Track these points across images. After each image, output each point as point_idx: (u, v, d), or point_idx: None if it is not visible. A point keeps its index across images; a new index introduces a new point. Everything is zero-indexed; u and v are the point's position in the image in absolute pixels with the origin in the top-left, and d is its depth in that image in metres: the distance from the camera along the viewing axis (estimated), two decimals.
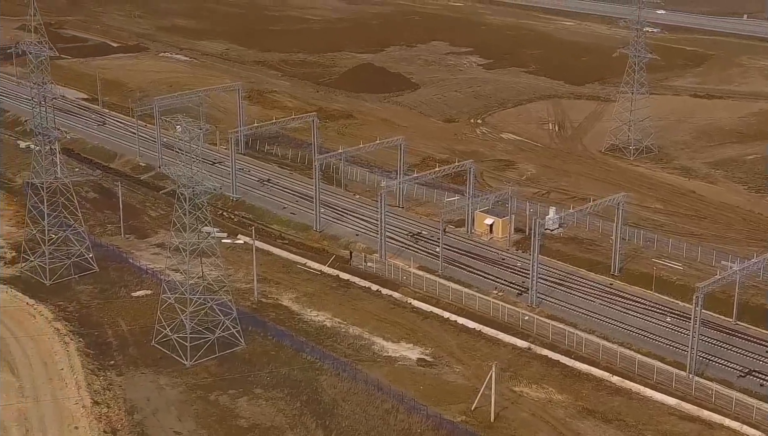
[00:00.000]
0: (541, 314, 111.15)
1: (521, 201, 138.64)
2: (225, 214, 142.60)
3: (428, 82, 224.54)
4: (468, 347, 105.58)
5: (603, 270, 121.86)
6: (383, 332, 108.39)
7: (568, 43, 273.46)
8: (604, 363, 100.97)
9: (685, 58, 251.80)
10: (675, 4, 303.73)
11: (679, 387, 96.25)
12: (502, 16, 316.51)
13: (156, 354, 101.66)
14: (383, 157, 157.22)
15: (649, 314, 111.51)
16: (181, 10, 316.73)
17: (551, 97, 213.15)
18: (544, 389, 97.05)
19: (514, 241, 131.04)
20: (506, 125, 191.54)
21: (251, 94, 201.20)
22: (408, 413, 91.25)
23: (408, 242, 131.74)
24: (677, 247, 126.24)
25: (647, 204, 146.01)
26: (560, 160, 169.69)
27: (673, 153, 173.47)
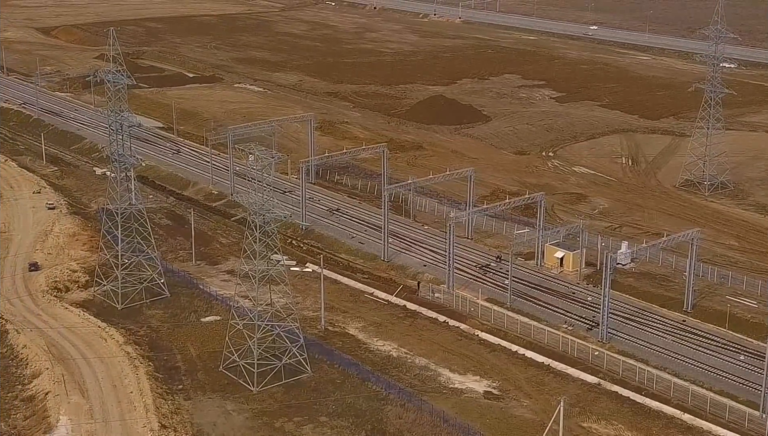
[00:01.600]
0: (612, 349, 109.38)
1: (593, 235, 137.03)
2: (294, 243, 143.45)
3: (499, 115, 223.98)
4: (536, 381, 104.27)
5: (675, 306, 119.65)
6: (450, 364, 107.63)
7: (643, 78, 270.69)
8: (676, 401, 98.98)
9: (762, 94, 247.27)
10: (753, 40, 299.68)
11: (752, 427, 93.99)
12: (577, 50, 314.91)
13: (223, 380, 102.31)
14: (453, 188, 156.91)
15: (722, 351, 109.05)
16: (257, 42, 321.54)
17: (625, 131, 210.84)
18: (613, 426, 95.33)
19: (585, 275, 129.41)
20: (579, 159, 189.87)
21: (323, 125, 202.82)
22: None
23: (476, 273, 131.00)
24: (752, 284, 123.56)
25: (722, 240, 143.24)
26: (633, 194, 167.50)
27: (748, 189, 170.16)
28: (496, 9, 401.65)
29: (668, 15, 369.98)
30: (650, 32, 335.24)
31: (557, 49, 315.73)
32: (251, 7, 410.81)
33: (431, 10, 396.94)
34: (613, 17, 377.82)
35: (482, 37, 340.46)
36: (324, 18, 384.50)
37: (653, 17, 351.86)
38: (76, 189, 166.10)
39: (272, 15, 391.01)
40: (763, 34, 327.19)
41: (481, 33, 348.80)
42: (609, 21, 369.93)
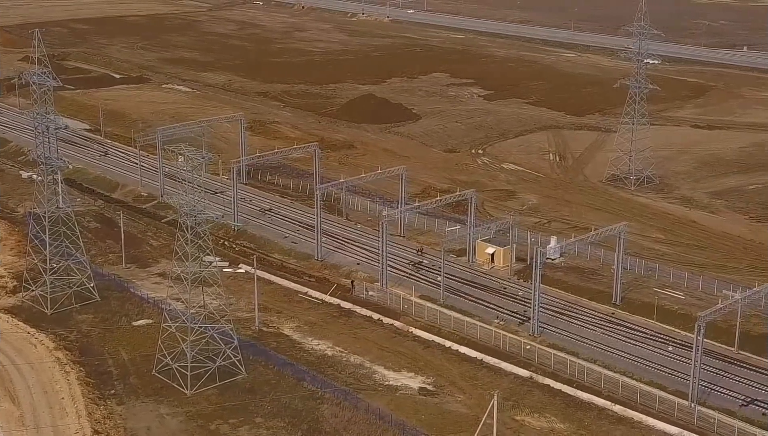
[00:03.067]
0: (543, 343, 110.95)
1: (523, 230, 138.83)
2: (226, 244, 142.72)
3: (429, 113, 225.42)
4: (470, 376, 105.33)
5: (604, 299, 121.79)
6: (385, 361, 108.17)
7: (569, 75, 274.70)
8: (606, 392, 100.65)
9: (686, 90, 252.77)
10: (677, 36, 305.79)
11: (681, 416, 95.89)
12: (504, 48, 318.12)
13: (157, 383, 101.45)
14: (385, 186, 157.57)
15: (650, 343, 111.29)
16: (185, 42, 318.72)
17: (552, 127, 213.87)
18: (546, 418, 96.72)
19: (516, 270, 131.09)
20: (507, 156, 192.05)
21: (253, 125, 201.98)
22: None
23: (409, 270, 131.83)
24: (679, 276, 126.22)
25: (648, 234, 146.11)
26: (561, 190, 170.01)
27: (674, 183, 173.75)
28: (423, 8, 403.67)
29: (593, 12, 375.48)
30: (575, 30, 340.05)
31: (485, 48, 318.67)
32: (179, 7, 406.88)
33: (360, 10, 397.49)
34: (539, 15, 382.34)
35: (411, 36, 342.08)
36: (252, 17, 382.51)
37: (578, 15, 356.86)
38: (2, 193, 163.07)
39: (200, 15, 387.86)
40: (686, 30, 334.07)
41: (410, 32, 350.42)
42: (535, 19, 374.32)
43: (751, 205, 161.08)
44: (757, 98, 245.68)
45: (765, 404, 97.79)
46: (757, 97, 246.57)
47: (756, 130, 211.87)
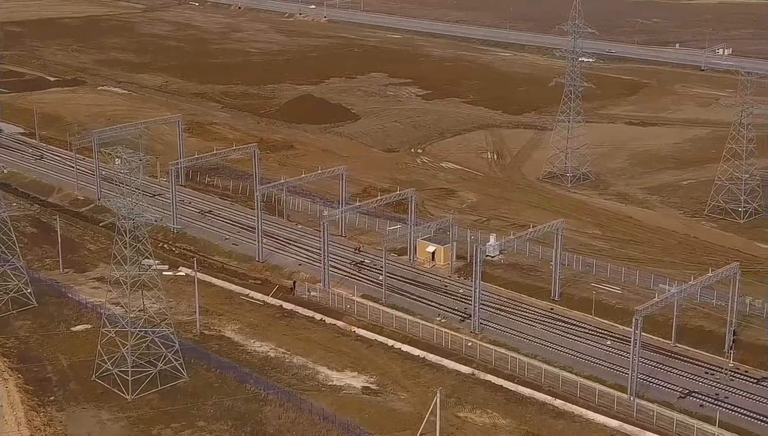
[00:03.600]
0: (484, 339, 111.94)
1: (462, 229, 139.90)
2: (166, 247, 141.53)
3: (368, 113, 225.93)
4: (412, 374, 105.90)
5: (543, 295, 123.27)
6: (328, 361, 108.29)
7: (506, 74, 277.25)
8: (547, 387, 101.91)
9: (620, 87, 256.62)
10: (611, 34, 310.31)
11: (620, 409, 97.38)
12: (441, 48, 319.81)
13: (97, 389, 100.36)
14: (325, 187, 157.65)
15: (589, 337, 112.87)
16: (121, 44, 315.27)
17: (490, 126, 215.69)
18: (488, 414, 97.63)
19: (456, 268, 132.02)
20: (446, 155, 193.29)
21: (191, 126, 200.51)
22: None
23: (351, 270, 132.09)
24: (616, 271, 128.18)
25: (585, 230, 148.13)
26: (500, 188, 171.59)
27: (609, 180, 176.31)
28: (360, 8, 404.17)
29: (528, 12, 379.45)
30: (511, 29, 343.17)
31: (422, 48, 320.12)
32: (114, 8, 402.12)
33: (296, 10, 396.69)
34: (474, 15, 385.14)
35: (348, 36, 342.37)
36: (188, 18, 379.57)
37: (514, 14, 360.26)
38: None
39: (135, 16, 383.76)
40: (620, 28, 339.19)
41: (347, 32, 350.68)
42: (471, 19, 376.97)
43: (685, 200, 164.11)
44: (690, 95, 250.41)
45: (702, 395, 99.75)
46: (690, 94, 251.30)
47: (689, 126, 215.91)
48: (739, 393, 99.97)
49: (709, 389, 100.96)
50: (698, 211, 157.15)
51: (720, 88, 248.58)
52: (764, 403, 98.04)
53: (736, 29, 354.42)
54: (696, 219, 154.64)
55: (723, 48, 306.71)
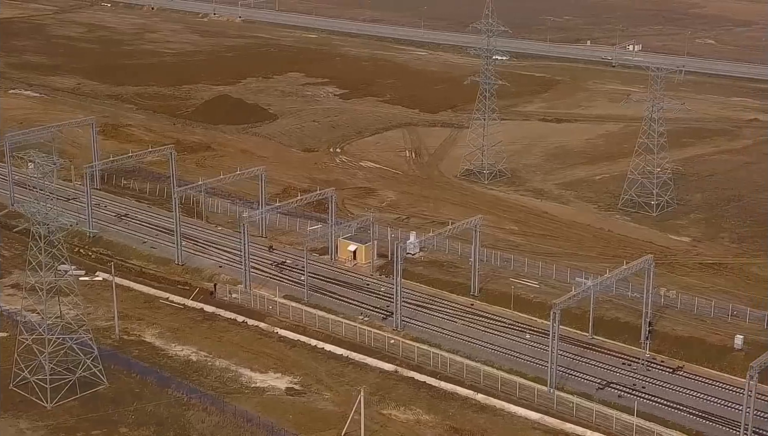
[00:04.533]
0: (406, 336, 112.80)
1: (383, 227, 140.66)
2: (82, 251, 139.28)
3: (286, 113, 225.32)
4: (336, 373, 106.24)
5: (464, 291, 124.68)
6: (251, 363, 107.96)
7: (421, 73, 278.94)
8: (469, 382, 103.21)
9: (534, 84, 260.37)
10: (523, 32, 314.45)
11: (541, 402, 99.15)
12: (357, 47, 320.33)
13: (15, 398, 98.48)
14: (244, 187, 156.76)
15: (509, 332, 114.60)
16: (32, 46, 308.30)
17: (407, 125, 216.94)
18: (412, 411, 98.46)
19: (378, 266, 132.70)
20: (365, 153, 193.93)
21: (105, 129, 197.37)
22: None
23: (273, 271, 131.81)
24: (533, 266, 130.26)
25: (503, 226, 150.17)
26: (418, 185, 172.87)
27: (525, 176, 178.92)
28: (275, 8, 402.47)
29: (442, 11, 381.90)
30: (426, 28, 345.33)
31: (338, 47, 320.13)
32: (24, 11, 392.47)
33: (211, 10, 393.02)
34: (389, 14, 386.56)
35: (264, 36, 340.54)
36: (101, 20, 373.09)
37: (428, 13, 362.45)
38: None
39: (46, 18, 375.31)
40: (532, 26, 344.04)
41: (263, 32, 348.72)
42: (386, 18, 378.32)
43: (599, 194, 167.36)
44: (602, 91, 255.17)
45: (620, 386, 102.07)
46: (601, 90, 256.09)
47: (601, 121, 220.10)
48: (655, 383, 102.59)
49: (627, 379, 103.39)
50: (612, 206, 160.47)
51: (631, 83, 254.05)
52: (680, 392, 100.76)
53: (645, 25, 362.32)
54: (610, 213, 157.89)
55: (633, 44, 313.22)
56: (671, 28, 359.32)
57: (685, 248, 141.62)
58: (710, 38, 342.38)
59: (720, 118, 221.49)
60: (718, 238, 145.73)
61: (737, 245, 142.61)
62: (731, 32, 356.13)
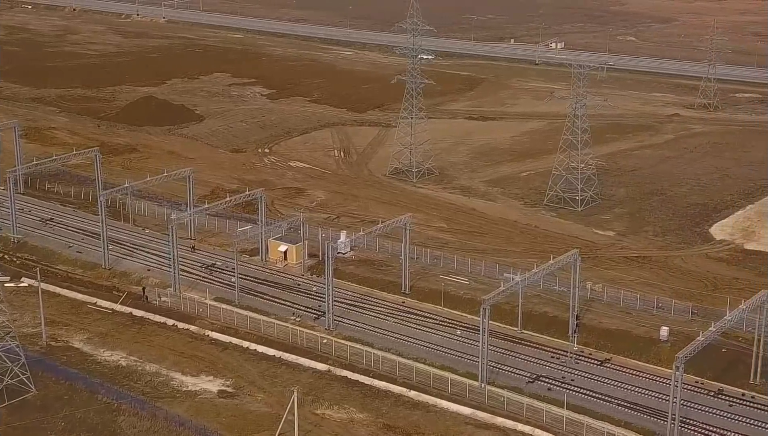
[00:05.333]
0: (339, 336, 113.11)
1: (313, 227, 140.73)
2: (6, 257, 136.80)
3: (213, 114, 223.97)
4: (269, 374, 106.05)
5: (395, 289, 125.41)
6: (182, 367, 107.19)
7: (348, 72, 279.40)
8: (401, 379, 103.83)
9: (459, 83, 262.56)
10: (448, 31, 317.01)
11: (472, 397, 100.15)
12: (283, 47, 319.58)
13: None
14: (172, 189, 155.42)
15: (440, 328, 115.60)
16: None
17: (335, 124, 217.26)
18: (345, 410, 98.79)
19: (309, 266, 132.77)
20: (294, 153, 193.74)
21: (28, 132, 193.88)
22: None
23: (203, 273, 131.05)
24: (462, 263, 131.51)
25: (432, 223, 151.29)
26: (348, 185, 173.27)
27: (453, 174, 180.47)
28: (199, 8, 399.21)
29: (368, 10, 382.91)
30: (351, 28, 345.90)
31: (264, 47, 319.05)
32: None
33: (134, 11, 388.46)
34: (315, 14, 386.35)
35: (189, 36, 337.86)
36: (21, 22, 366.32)
37: (353, 13, 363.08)
38: None
39: None
40: (457, 25, 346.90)
41: (187, 32, 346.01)
42: (312, 17, 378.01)
43: (525, 191, 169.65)
44: (526, 88, 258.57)
45: (550, 379, 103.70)
46: (526, 88, 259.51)
47: (525, 119, 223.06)
48: (584, 375, 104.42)
49: (556, 372, 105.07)
50: (538, 202, 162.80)
51: (554, 81, 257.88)
52: (608, 383, 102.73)
53: (567, 23, 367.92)
54: (536, 209, 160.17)
55: (555, 42, 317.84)
56: (593, 26, 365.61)
57: (610, 242, 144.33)
58: (631, 35, 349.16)
59: (642, 114, 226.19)
60: (641, 231, 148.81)
61: (660, 238, 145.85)
62: (651, 29, 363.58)
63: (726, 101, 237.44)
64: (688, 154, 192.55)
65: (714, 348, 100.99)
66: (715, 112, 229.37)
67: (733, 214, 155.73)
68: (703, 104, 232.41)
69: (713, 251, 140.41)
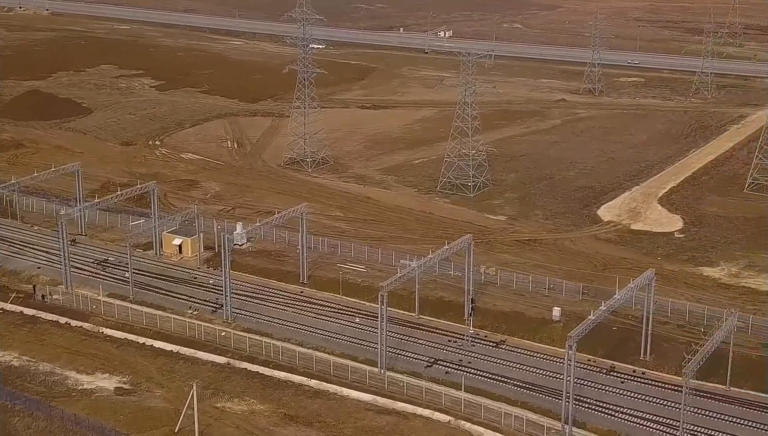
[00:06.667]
0: (238, 328, 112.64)
1: (208, 219, 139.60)
2: None
3: (101, 106, 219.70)
4: (167, 369, 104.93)
5: (293, 279, 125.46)
6: (77, 365, 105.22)
7: (239, 63, 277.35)
8: (302, 369, 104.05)
9: (350, 72, 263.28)
10: (338, 20, 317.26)
11: (372, 383, 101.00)
12: (171, 37, 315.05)
13: None
14: (61, 185, 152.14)
15: (339, 316, 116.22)
16: None
17: (228, 115, 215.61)
18: (245, 402, 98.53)
19: (205, 259, 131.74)
20: (186, 145, 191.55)
21: None
22: None
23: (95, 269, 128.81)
24: (359, 251, 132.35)
25: (328, 212, 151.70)
26: (242, 176, 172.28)
27: (347, 163, 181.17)
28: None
29: (256, 0, 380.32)
30: (240, 17, 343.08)
31: (152, 38, 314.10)
32: None
33: (17, 3, 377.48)
34: (203, 4, 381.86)
35: (74, 28, 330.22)
36: None
37: (242, 3, 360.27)
38: None
39: None
40: (347, 14, 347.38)
41: (73, 24, 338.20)
42: (200, 8, 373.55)
43: (418, 178, 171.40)
44: (416, 77, 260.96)
45: (447, 363, 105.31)
46: (415, 76, 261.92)
47: (417, 107, 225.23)
48: (480, 357, 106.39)
49: (453, 356, 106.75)
50: (431, 188, 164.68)
51: (444, 69, 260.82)
52: (504, 365, 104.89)
53: (455, 11, 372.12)
54: (430, 196, 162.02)
55: (444, 30, 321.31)
56: (480, 14, 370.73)
57: (502, 227, 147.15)
58: (517, 22, 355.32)
59: (529, 100, 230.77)
60: (532, 215, 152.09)
61: (550, 221, 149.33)
62: (537, 16, 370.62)
63: (610, 86, 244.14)
64: (574, 138, 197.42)
65: (605, 327, 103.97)
66: (600, 96, 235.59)
67: (620, 196, 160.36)
68: (588, 89, 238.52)
69: (601, 233, 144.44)
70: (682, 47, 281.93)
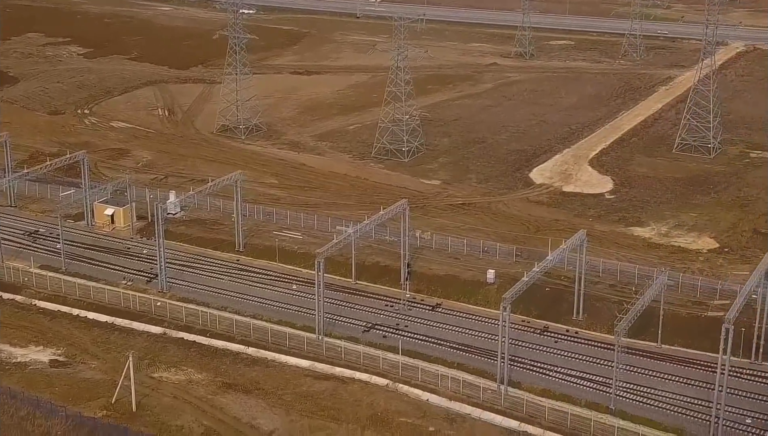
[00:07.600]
0: (173, 297, 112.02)
1: (140, 188, 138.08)
2: None
3: (28, 75, 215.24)
4: (102, 341, 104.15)
5: (228, 247, 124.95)
6: (9, 339, 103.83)
7: (168, 29, 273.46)
8: (239, 337, 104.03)
9: (282, 37, 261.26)
10: None
11: (311, 349, 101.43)
12: (97, 4, 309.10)
13: None
14: None
15: (276, 284, 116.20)
16: None
17: (158, 82, 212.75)
18: (183, 371, 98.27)
19: (138, 228, 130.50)
20: (115, 114, 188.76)
21: None
22: (46, 417, 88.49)
23: (26, 241, 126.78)
24: (295, 218, 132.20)
25: (263, 180, 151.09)
26: (174, 144, 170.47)
27: (281, 129, 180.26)
28: None
29: None
30: None
31: (78, 5, 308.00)
32: None
33: None
34: None
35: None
36: None
37: None
38: None
39: None
40: None
41: None
42: None
43: (352, 144, 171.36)
44: (348, 42, 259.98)
45: (384, 327, 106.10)
46: (348, 41, 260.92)
47: (349, 72, 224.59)
48: (416, 321, 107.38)
49: (390, 320, 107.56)
50: (366, 154, 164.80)
51: (375, 33, 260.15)
52: (440, 327, 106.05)
53: None
54: (364, 162, 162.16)
55: None
56: None
57: (436, 191, 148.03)
58: None
59: (461, 64, 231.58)
60: (465, 179, 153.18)
61: (483, 185, 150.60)
62: None
63: (541, 49, 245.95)
64: (506, 102, 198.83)
65: (538, 288, 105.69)
66: (531, 60, 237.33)
67: (551, 159, 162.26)
68: (519, 53, 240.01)
69: (533, 195, 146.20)
70: (611, 9, 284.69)
